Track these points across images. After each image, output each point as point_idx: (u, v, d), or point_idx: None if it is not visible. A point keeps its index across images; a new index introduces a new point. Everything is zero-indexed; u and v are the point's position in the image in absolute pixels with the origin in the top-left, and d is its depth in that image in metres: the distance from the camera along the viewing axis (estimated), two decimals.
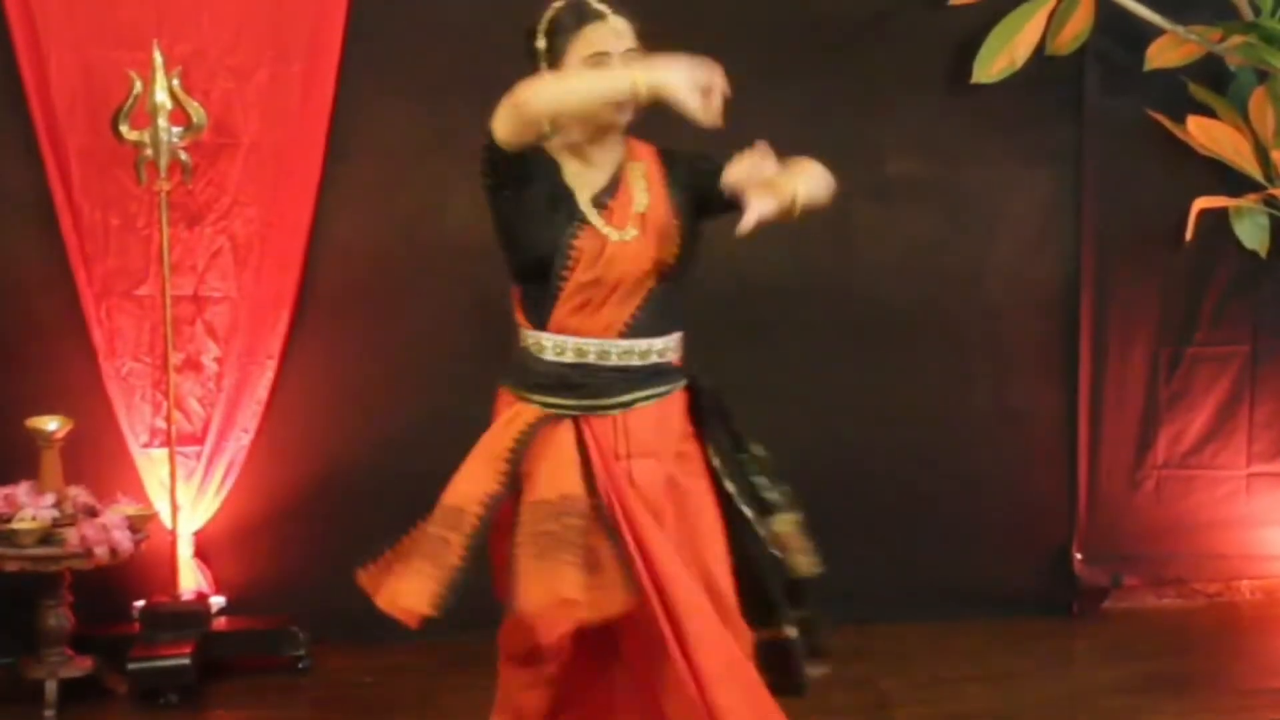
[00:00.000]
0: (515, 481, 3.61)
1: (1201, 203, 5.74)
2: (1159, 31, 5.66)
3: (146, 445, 5.47)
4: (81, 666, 5.10)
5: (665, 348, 3.75)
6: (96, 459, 5.39)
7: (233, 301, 5.49)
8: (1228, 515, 6.11)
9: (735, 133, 5.70)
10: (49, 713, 4.97)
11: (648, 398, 3.71)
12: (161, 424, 5.44)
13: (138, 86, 5.20)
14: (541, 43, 3.71)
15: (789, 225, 5.76)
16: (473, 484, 3.63)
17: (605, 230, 3.63)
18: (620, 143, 3.75)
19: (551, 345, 3.66)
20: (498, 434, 3.67)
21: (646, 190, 3.71)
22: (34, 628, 5.07)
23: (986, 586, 5.98)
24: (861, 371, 5.87)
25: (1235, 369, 6.06)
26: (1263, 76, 5.72)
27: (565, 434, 3.65)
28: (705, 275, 5.68)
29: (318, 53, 5.40)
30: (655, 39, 5.57)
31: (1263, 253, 5.92)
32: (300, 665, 5.40)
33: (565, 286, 3.62)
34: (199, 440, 5.49)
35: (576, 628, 3.59)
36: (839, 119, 5.75)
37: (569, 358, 3.66)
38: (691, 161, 3.79)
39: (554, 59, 3.68)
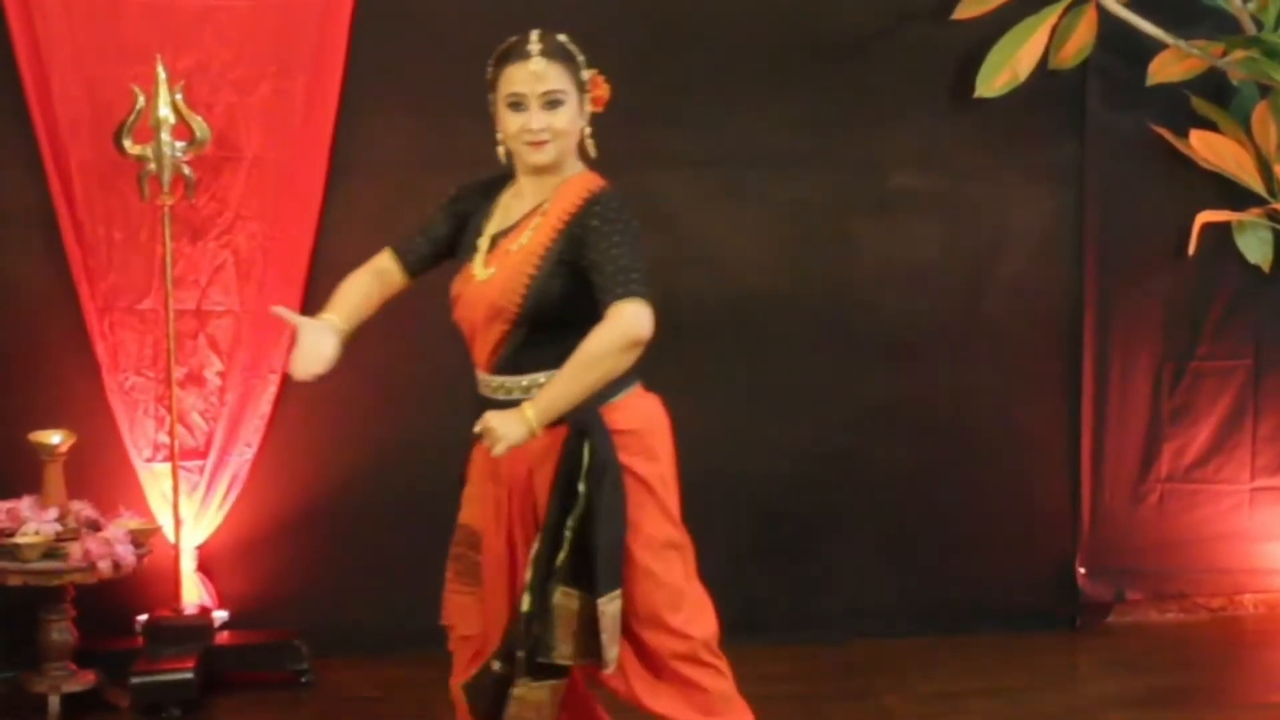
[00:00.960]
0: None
1: (1204, 217, 5.75)
2: (1161, 46, 5.67)
3: (149, 459, 5.47)
4: (84, 681, 5.10)
5: (517, 386, 3.65)
6: (99, 473, 5.39)
7: (236, 316, 5.49)
8: (1231, 529, 6.11)
9: (740, 146, 5.76)
10: None
11: None
12: (164, 438, 5.43)
13: (141, 101, 5.20)
14: (489, 73, 3.73)
15: (791, 239, 5.83)
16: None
17: (476, 270, 3.68)
18: (561, 178, 3.71)
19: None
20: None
21: (533, 230, 3.65)
22: (37, 642, 5.07)
23: (989, 601, 5.98)
24: (864, 386, 5.88)
25: (1238, 383, 6.06)
26: (1265, 91, 5.72)
27: (481, 457, 3.75)
28: (707, 287, 5.75)
29: (321, 67, 5.41)
30: (662, 54, 5.64)
31: (1266, 267, 5.92)
32: (303, 679, 5.40)
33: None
34: (202, 454, 5.49)
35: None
36: (842, 133, 5.76)
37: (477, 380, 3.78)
38: (593, 228, 3.60)
39: (492, 93, 3.72)
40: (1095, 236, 5.93)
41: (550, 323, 3.59)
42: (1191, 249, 5.77)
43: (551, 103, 3.63)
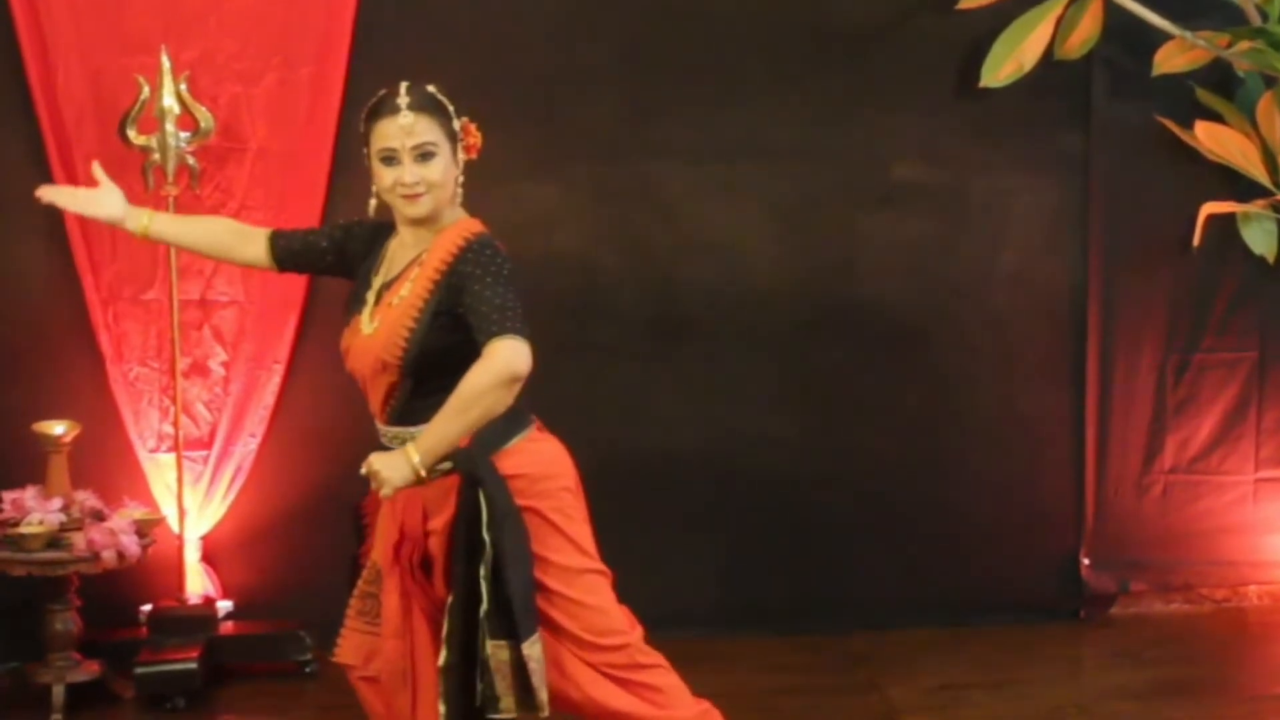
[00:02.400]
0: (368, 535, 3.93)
1: (1209, 208, 5.74)
2: (1166, 37, 5.66)
3: (154, 450, 5.48)
4: (89, 671, 5.11)
5: (411, 437, 3.61)
6: (104, 463, 5.40)
7: (240, 306, 5.50)
8: (1235, 521, 6.11)
9: (743, 138, 5.75)
10: (56, 717, 4.99)
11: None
12: (169, 429, 5.44)
13: (145, 91, 5.21)
14: (361, 128, 3.73)
15: (795, 231, 5.83)
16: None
17: (364, 323, 3.69)
18: (439, 227, 3.69)
19: None
20: None
21: (412, 282, 3.64)
22: (41, 632, 5.08)
23: (994, 592, 5.98)
24: (868, 377, 5.88)
25: (1243, 375, 6.06)
26: (1270, 82, 5.71)
27: (385, 501, 3.71)
28: (709, 278, 5.75)
29: (325, 58, 5.41)
30: (664, 45, 5.64)
31: (1270, 258, 5.91)
32: (306, 670, 5.40)
33: None
34: (206, 445, 5.50)
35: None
36: (846, 123, 5.76)
37: None
38: (469, 272, 3.56)
39: (367, 146, 3.71)
40: (1100, 228, 5.92)
41: (434, 373, 3.56)
42: (1196, 241, 5.77)
43: (423, 155, 3.62)
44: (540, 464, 3.74)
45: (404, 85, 3.66)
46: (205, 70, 5.34)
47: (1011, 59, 5.63)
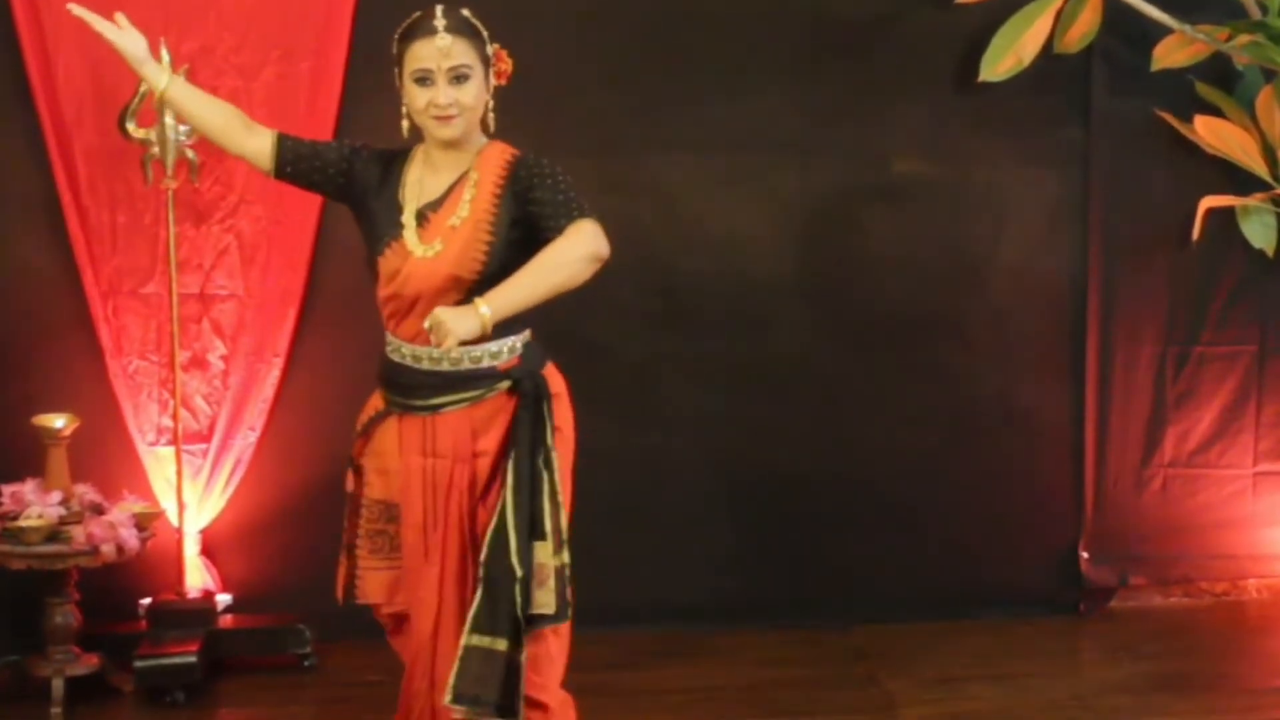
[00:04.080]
0: (361, 474, 3.96)
1: (1209, 202, 5.74)
2: (1166, 31, 5.66)
3: (153, 443, 5.48)
4: (88, 664, 5.11)
5: (483, 354, 3.75)
6: (103, 457, 5.40)
7: (239, 299, 5.50)
8: (1234, 514, 6.11)
9: (744, 131, 5.75)
10: (55, 710, 4.98)
11: (455, 402, 3.76)
12: (168, 422, 5.44)
13: (145, 84, 5.19)
14: (394, 49, 3.77)
15: (796, 223, 5.83)
16: (352, 476, 4.01)
17: (412, 246, 3.70)
18: (474, 149, 3.79)
19: (389, 341, 3.85)
20: (358, 425, 3.97)
21: (471, 201, 3.72)
22: (40, 626, 5.08)
23: (993, 586, 5.98)
24: (867, 371, 5.88)
25: (1242, 368, 6.06)
26: (1270, 76, 5.71)
27: (390, 431, 3.84)
28: (710, 272, 5.75)
29: (325, 51, 5.40)
30: (667, 39, 5.63)
31: (1270, 252, 5.91)
32: (306, 663, 5.41)
33: (382, 296, 3.81)
34: (205, 438, 5.50)
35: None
36: (846, 118, 5.76)
37: (396, 357, 3.83)
38: (531, 174, 3.72)
39: (399, 69, 3.76)
40: (1100, 222, 5.92)
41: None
42: (1195, 234, 5.77)
43: (458, 78, 3.70)
44: (564, 391, 3.91)
45: (439, 8, 3.70)
46: (204, 63, 5.34)
47: (1011, 53, 5.63)
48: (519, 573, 3.70)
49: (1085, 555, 6.03)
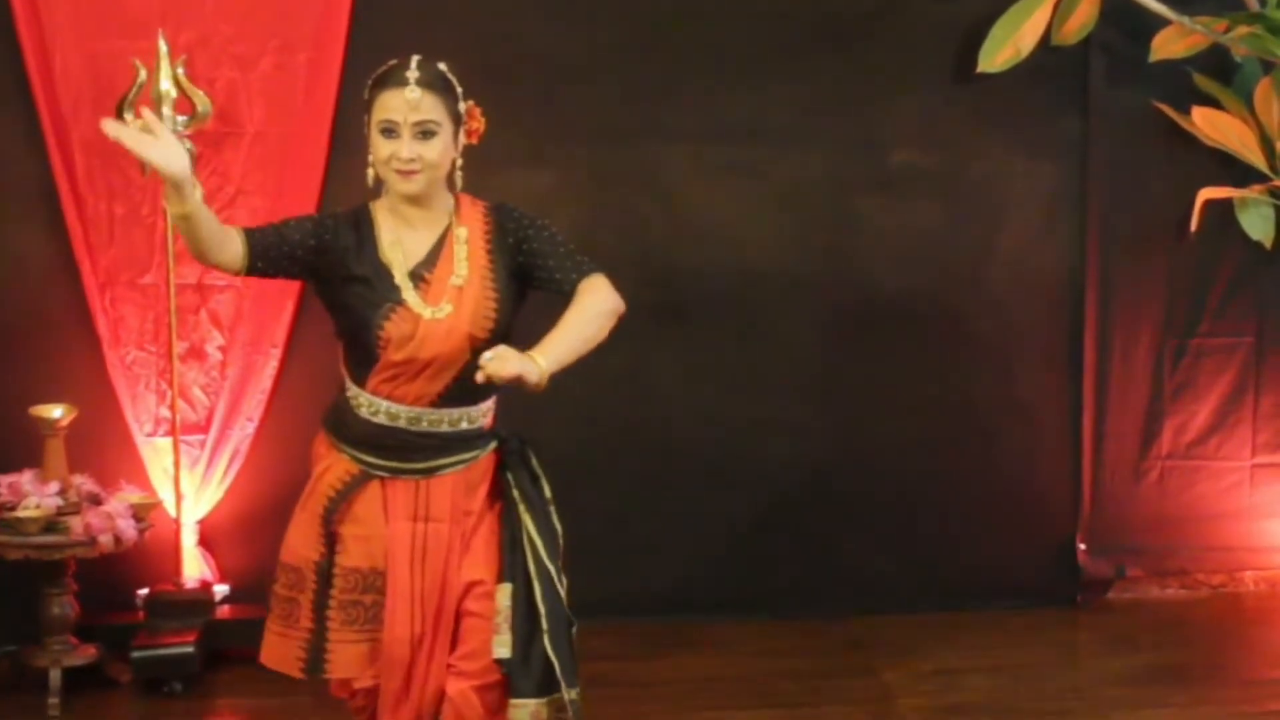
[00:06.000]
0: (331, 542, 3.73)
1: (1206, 193, 5.74)
2: (1164, 22, 5.65)
3: (151, 434, 5.48)
4: (85, 655, 5.11)
5: (478, 414, 3.70)
6: (101, 447, 5.40)
7: (237, 290, 5.49)
8: (1232, 506, 6.12)
9: (743, 122, 5.75)
10: (53, 701, 4.98)
11: (454, 464, 3.69)
12: (166, 413, 5.44)
13: (142, 75, 5.20)
14: (365, 95, 3.64)
15: (793, 215, 5.83)
16: (303, 544, 3.78)
17: (419, 309, 3.57)
18: (446, 203, 3.67)
19: (367, 404, 3.65)
20: (314, 489, 3.76)
21: (467, 259, 3.63)
22: (38, 616, 5.08)
23: (990, 577, 5.99)
24: (865, 363, 5.88)
25: (1240, 360, 6.06)
26: (1268, 67, 5.71)
27: (374, 496, 3.68)
28: (708, 263, 5.75)
29: (323, 42, 5.40)
30: (665, 30, 5.63)
31: (1268, 243, 5.91)
32: None
33: (379, 362, 3.61)
34: (203, 429, 5.50)
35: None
36: (844, 109, 5.76)
37: (381, 419, 3.64)
38: (520, 226, 3.67)
39: (367, 116, 3.62)
40: (1098, 213, 5.92)
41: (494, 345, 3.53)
42: (1194, 226, 5.77)
43: (424, 133, 3.55)
44: None
45: (415, 59, 3.58)
46: (202, 54, 5.33)
47: (1009, 44, 5.63)
48: (572, 620, 3.72)
49: (1083, 547, 6.03)
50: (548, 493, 3.76)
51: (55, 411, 5.09)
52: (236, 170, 5.44)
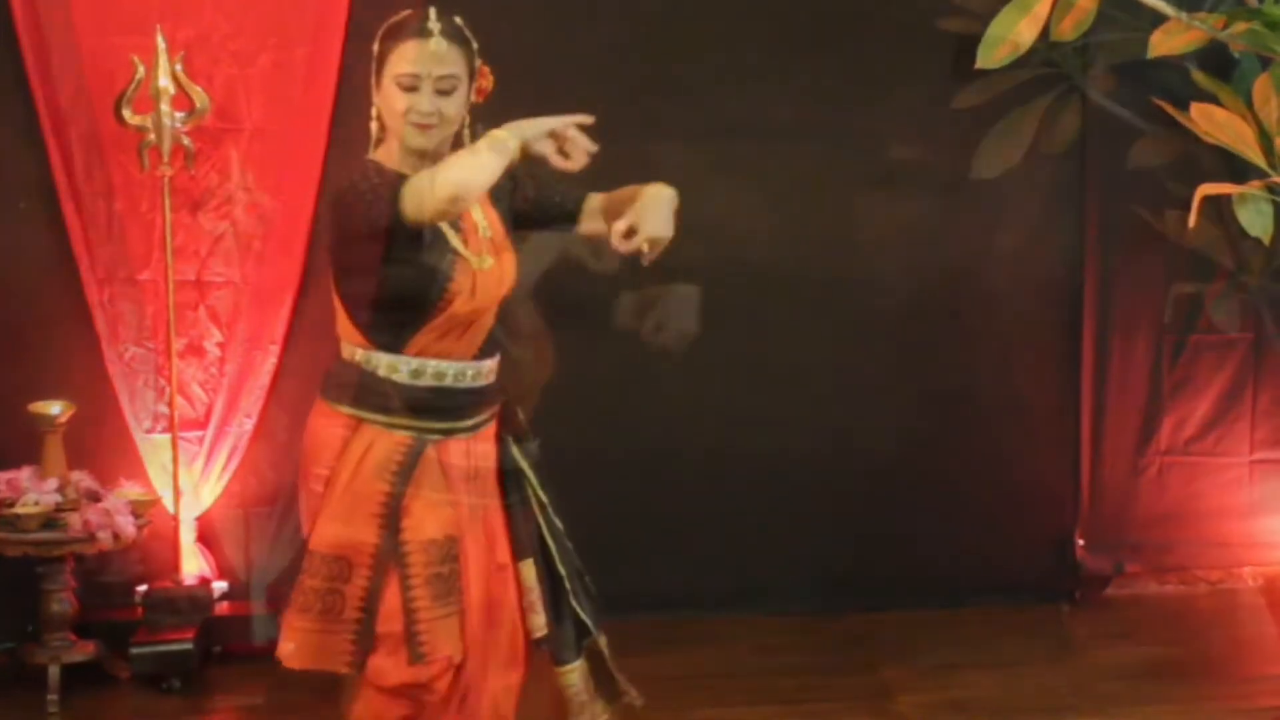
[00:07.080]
0: (396, 523, 3.53)
1: (1205, 190, 5.73)
2: (1162, 18, 5.65)
3: (149, 430, 5.48)
4: (84, 651, 5.12)
5: (496, 366, 3.67)
6: (99, 444, 5.40)
7: (235, 287, 5.49)
8: (1230, 502, 6.12)
9: (741, 118, 5.75)
10: (52, 698, 4.99)
11: (490, 419, 3.67)
12: (164, 409, 5.44)
13: (140, 71, 5.20)
14: (376, 47, 3.53)
15: (791, 211, 5.82)
16: (350, 529, 3.55)
17: (471, 259, 3.52)
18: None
19: (408, 369, 3.53)
20: (359, 469, 3.54)
21: (483, 213, 3.60)
22: (37, 613, 5.09)
23: (989, 573, 5.99)
24: (863, 359, 5.88)
25: (1238, 356, 6.06)
26: (1267, 63, 5.70)
27: (431, 461, 3.56)
28: (706, 262, 5.73)
29: (321, 38, 5.39)
30: (663, 25, 5.63)
31: (1266, 240, 5.90)
32: None
33: (439, 318, 3.50)
34: (202, 425, 5.50)
35: None
36: (843, 105, 5.76)
37: (427, 381, 3.54)
38: (511, 180, 3.63)
39: (379, 67, 3.51)
40: (1096, 209, 5.92)
41: None
42: (1192, 222, 5.74)
43: (445, 88, 3.48)
44: None
45: (433, 10, 3.49)
46: (200, 50, 5.33)
47: (1008, 40, 5.62)
48: (582, 570, 3.75)
49: (1081, 543, 6.04)
50: (537, 452, 3.74)
51: (54, 408, 5.10)
52: (235, 166, 5.43)
